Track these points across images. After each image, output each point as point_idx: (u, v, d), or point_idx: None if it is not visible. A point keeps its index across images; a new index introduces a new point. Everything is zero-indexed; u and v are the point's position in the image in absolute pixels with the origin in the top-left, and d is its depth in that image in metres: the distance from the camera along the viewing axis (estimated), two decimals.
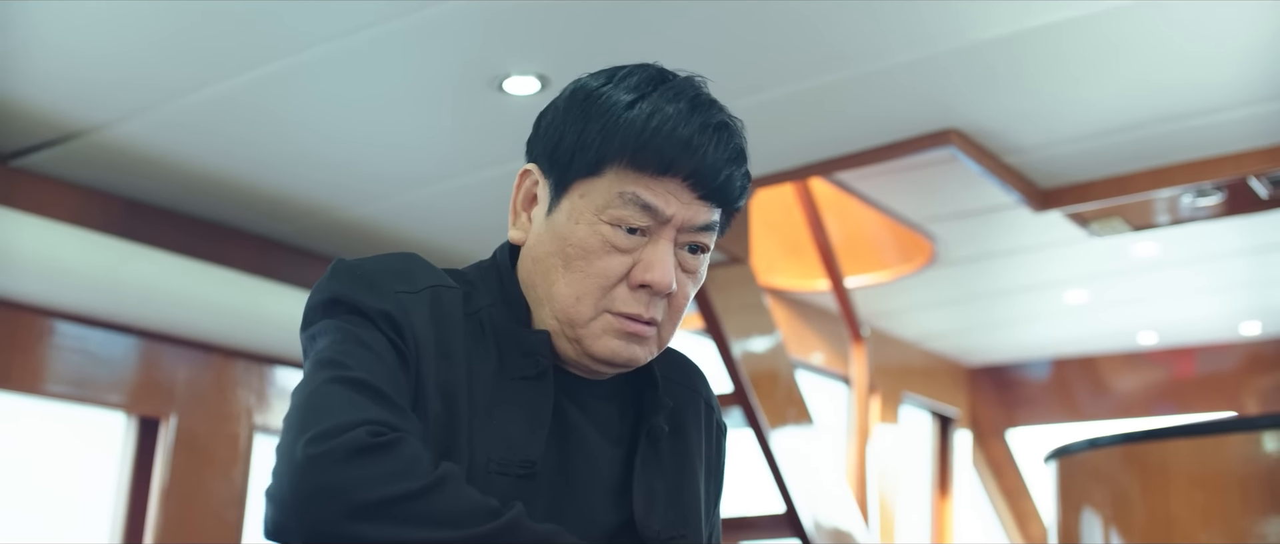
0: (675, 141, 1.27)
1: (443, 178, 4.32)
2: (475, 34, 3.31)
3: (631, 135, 1.27)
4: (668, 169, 1.27)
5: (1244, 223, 5.31)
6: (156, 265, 4.33)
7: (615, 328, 1.30)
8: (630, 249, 1.29)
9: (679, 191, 1.28)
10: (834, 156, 4.19)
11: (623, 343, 1.31)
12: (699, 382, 1.53)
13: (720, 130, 1.30)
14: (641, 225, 1.28)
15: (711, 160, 1.28)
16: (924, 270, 6.30)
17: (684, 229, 1.30)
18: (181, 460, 4.54)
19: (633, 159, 1.27)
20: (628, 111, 1.28)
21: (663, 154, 1.26)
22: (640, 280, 1.29)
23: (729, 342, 5.27)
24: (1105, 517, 3.51)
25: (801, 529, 5.31)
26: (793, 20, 3.25)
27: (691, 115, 1.28)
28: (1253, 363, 7.89)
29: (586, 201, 1.29)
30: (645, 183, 1.27)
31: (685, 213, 1.29)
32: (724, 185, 1.31)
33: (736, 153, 1.32)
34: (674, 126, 1.27)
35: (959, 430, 8.65)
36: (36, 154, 4.06)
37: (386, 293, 1.26)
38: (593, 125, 1.29)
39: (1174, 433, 3.38)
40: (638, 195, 1.27)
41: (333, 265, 1.31)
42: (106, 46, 3.37)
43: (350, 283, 1.27)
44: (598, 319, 1.30)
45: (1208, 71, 3.60)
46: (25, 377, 4.19)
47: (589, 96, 1.32)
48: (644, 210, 1.28)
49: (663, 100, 1.29)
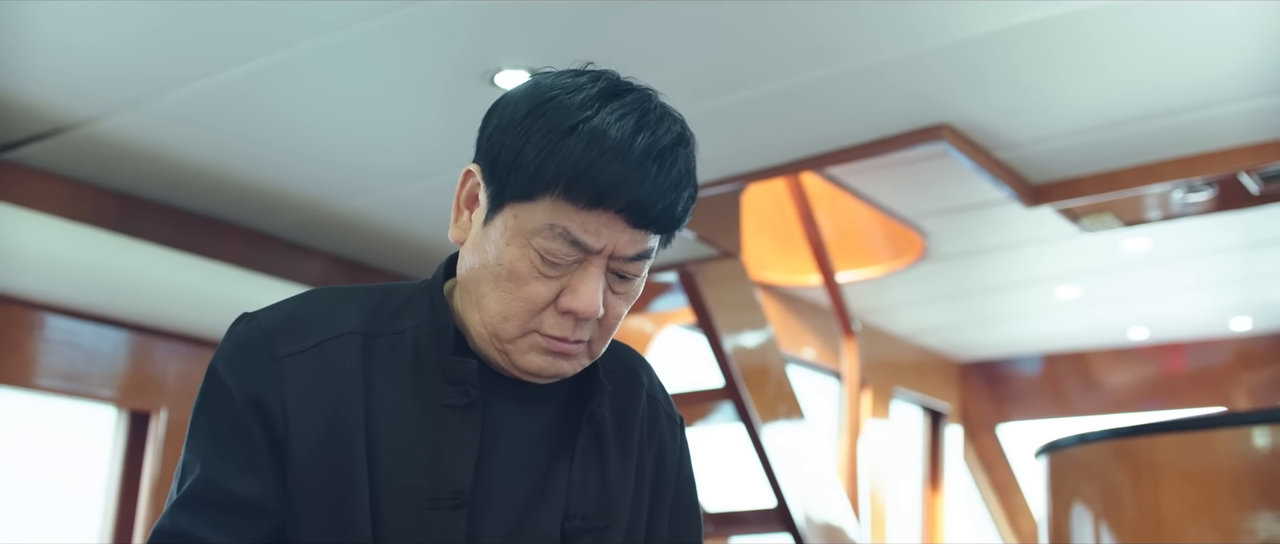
0: (609, 176, 1.21)
1: (434, 172, 4.32)
2: (466, 28, 3.30)
3: (567, 167, 1.22)
4: (601, 202, 1.23)
5: (1235, 218, 5.32)
6: (147, 259, 4.33)
7: (542, 346, 1.29)
8: (558, 275, 1.26)
9: (612, 223, 1.24)
10: (825, 152, 4.19)
11: (549, 359, 1.30)
12: (640, 371, 1.51)
13: (663, 156, 1.24)
14: (570, 259, 1.25)
15: (648, 192, 1.23)
16: (915, 265, 6.31)
17: (615, 257, 1.27)
18: (172, 454, 4.54)
19: (566, 191, 1.22)
20: (566, 139, 1.22)
21: (596, 188, 1.22)
22: (566, 307, 1.27)
23: (720, 336, 5.27)
24: (1095, 512, 3.52)
25: (792, 524, 5.32)
26: (783, 16, 3.25)
27: (633, 140, 1.23)
28: (1243, 358, 7.91)
29: (517, 224, 1.25)
30: (577, 216, 1.23)
31: (617, 242, 1.26)
32: (661, 215, 1.26)
33: (679, 178, 1.26)
34: (611, 159, 1.22)
35: (950, 425, 8.66)
36: (27, 147, 4.05)
37: (262, 370, 1.28)
38: (531, 147, 1.24)
39: (1164, 428, 3.39)
40: (567, 230, 1.23)
41: (231, 326, 1.33)
42: (97, 40, 3.36)
43: (232, 357, 1.31)
44: (525, 338, 1.29)
45: (1199, 67, 3.60)
46: (15, 370, 4.18)
47: (534, 109, 1.26)
48: (573, 245, 1.24)
49: (606, 123, 1.23)
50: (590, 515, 1.34)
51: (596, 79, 1.28)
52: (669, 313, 6.15)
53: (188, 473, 1.28)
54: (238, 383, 1.28)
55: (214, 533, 1.25)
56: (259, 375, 1.28)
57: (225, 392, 1.29)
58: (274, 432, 1.26)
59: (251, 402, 1.27)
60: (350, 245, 5.16)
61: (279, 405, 1.26)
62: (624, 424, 1.43)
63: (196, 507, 1.26)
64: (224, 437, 1.28)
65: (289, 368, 1.27)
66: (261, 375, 1.27)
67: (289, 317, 1.32)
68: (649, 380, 1.51)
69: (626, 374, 1.48)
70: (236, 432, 1.27)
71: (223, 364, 1.30)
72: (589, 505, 1.34)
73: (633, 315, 6.14)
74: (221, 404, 1.29)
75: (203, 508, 1.26)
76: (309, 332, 1.30)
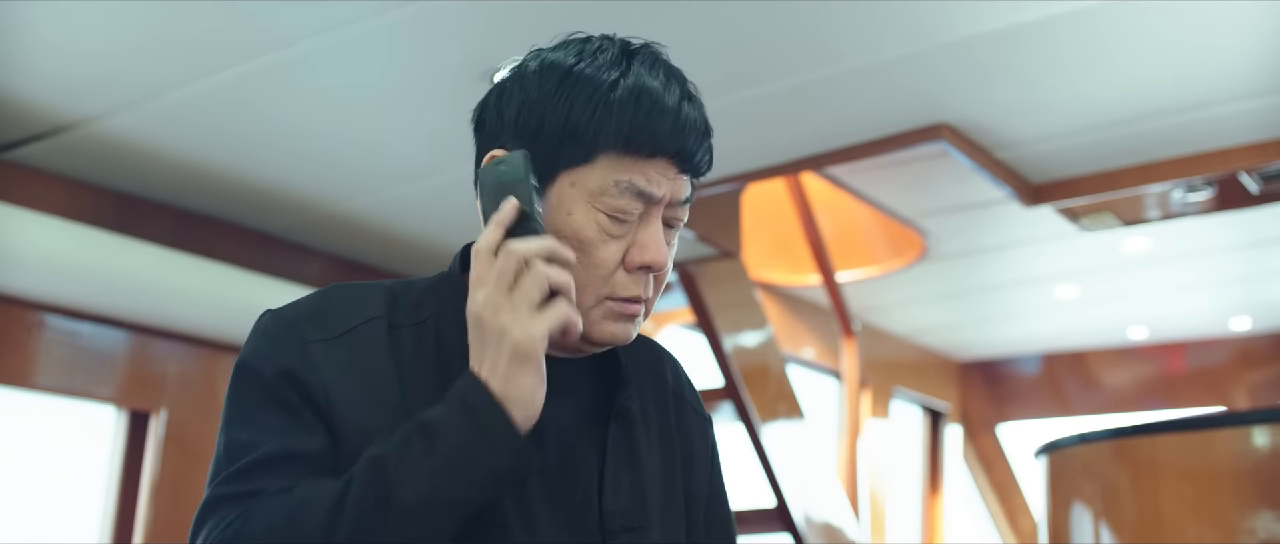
0: (663, 124, 1.26)
1: (433, 172, 4.32)
2: (466, 27, 3.30)
3: (624, 121, 1.25)
4: (659, 151, 1.27)
5: (1234, 218, 5.32)
6: (147, 259, 4.33)
7: (615, 312, 1.30)
8: (623, 234, 1.28)
9: (666, 170, 1.28)
10: (825, 151, 4.19)
11: (621, 325, 1.31)
12: (666, 366, 1.51)
13: (692, 101, 1.31)
14: (637, 212, 1.28)
15: (692, 135, 1.29)
16: (915, 265, 6.31)
17: (670, 205, 1.31)
18: (172, 454, 4.54)
19: (626, 145, 1.25)
20: (612, 94, 1.26)
21: (655, 137, 1.26)
22: (640, 262, 1.28)
23: (720, 336, 5.28)
24: (1095, 511, 3.52)
25: (792, 524, 5.32)
26: (784, 15, 3.25)
27: (667, 90, 1.28)
28: (1243, 358, 7.91)
29: (577, 190, 1.27)
30: (639, 168, 1.26)
31: (673, 188, 1.30)
32: (703, 158, 1.32)
33: (706, 124, 1.33)
34: (659, 109, 1.26)
35: (949, 425, 8.66)
36: (26, 147, 4.05)
37: (292, 351, 1.25)
38: (578, 111, 1.26)
39: (1164, 428, 3.39)
40: (633, 184, 1.26)
41: (256, 323, 1.31)
42: (97, 40, 3.36)
43: (258, 344, 1.28)
44: (598, 307, 1.29)
45: (1199, 67, 3.60)
46: (15, 370, 4.18)
47: (566, 78, 1.28)
48: (638, 198, 1.27)
49: (642, 77, 1.28)
50: (628, 514, 1.34)
51: (603, 42, 1.33)
52: (669, 312, 6.15)
53: (238, 454, 1.22)
54: (270, 364, 1.25)
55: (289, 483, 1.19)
56: (291, 355, 1.25)
57: (257, 376, 1.25)
58: (316, 403, 1.23)
59: (287, 376, 1.24)
60: (350, 245, 5.16)
61: (317, 380, 1.24)
62: (652, 421, 1.43)
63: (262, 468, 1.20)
64: (268, 413, 1.24)
65: (320, 352, 1.26)
66: (294, 355, 1.25)
67: (313, 308, 1.31)
68: (674, 376, 1.52)
69: (652, 367, 1.48)
70: (280, 406, 1.24)
71: (251, 354, 1.27)
72: (624, 504, 1.34)
73: None
74: (257, 387, 1.25)
75: (269, 468, 1.20)
76: (336, 320, 1.29)
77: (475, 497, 1.17)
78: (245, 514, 1.16)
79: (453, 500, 1.15)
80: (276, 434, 1.21)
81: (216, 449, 1.24)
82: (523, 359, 1.18)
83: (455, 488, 1.15)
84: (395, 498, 1.13)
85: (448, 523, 1.16)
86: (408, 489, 1.13)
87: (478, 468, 1.16)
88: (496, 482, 1.18)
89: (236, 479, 1.19)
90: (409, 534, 1.13)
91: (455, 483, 1.15)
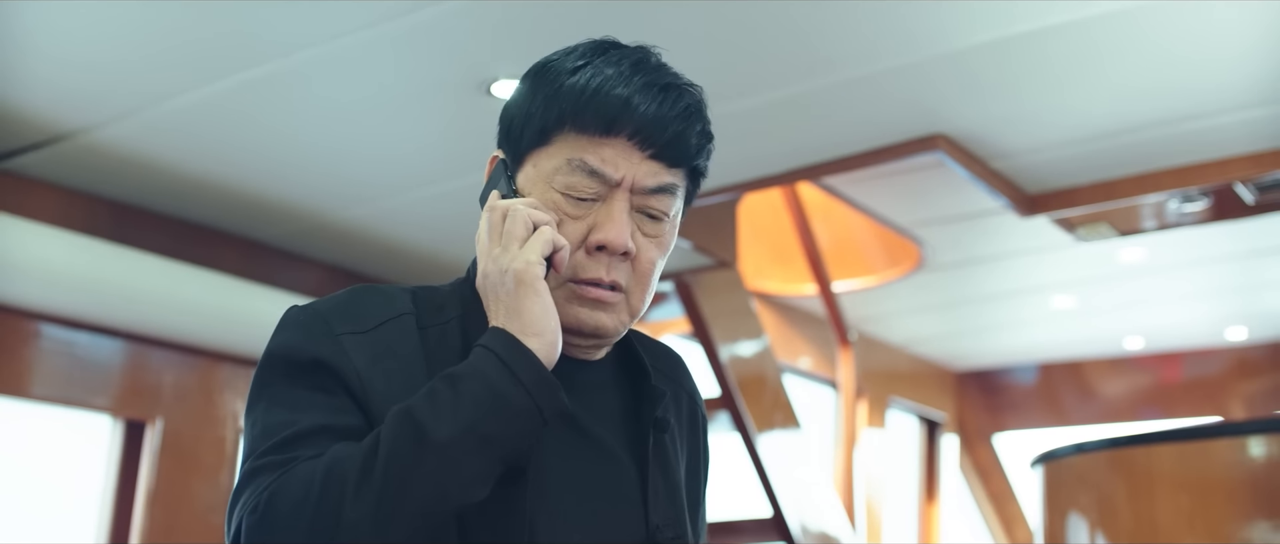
0: (614, 100, 1.28)
1: (431, 182, 4.32)
2: (463, 38, 3.30)
3: (571, 98, 1.28)
4: (610, 128, 1.28)
5: (1230, 228, 5.33)
6: (143, 268, 4.32)
7: (578, 295, 1.30)
8: (584, 214, 1.30)
9: (627, 152, 1.29)
10: (822, 161, 4.19)
11: (588, 310, 1.31)
12: (682, 374, 1.53)
13: (667, 89, 1.31)
14: (592, 193, 1.29)
15: (656, 116, 1.29)
16: (911, 275, 6.31)
17: (637, 191, 1.31)
18: (168, 464, 4.53)
19: (575, 122, 1.28)
20: (570, 78, 1.30)
21: (603, 112, 1.28)
22: (595, 241, 1.29)
23: (716, 346, 5.28)
24: (1091, 521, 3.52)
25: (788, 533, 5.32)
26: (781, 26, 3.25)
27: (633, 75, 1.29)
28: (1238, 368, 7.92)
29: (537, 171, 1.31)
30: (591, 147, 1.28)
31: (635, 173, 1.30)
32: (674, 142, 1.30)
33: (687, 110, 1.32)
34: (614, 86, 1.28)
35: (946, 435, 8.66)
36: (23, 157, 4.05)
37: (323, 339, 1.25)
38: (538, 96, 1.31)
39: (1160, 438, 3.39)
40: (584, 161, 1.28)
41: (282, 317, 1.31)
42: (94, 49, 3.36)
43: (287, 334, 1.28)
44: (560, 289, 1.30)
45: (1194, 77, 3.61)
46: (11, 380, 4.18)
47: (538, 72, 1.34)
48: (592, 176, 1.29)
49: (605, 65, 1.30)
50: (673, 524, 1.36)
51: (595, 42, 1.36)
52: (665, 322, 6.15)
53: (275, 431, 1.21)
54: (302, 351, 1.25)
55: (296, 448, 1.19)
56: (323, 345, 1.25)
57: (289, 362, 1.25)
58: (350, 387, 1.23)
59: (320, 363, 1.24)
60: (347, 255, 5.15)
61: (351, 367, 1.24)
62: (677, 427, 1.46)
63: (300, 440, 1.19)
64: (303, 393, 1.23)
65: (350, 344, 1.26)
66: (326, 344, 1.25)
67: (342, 304, 1.31)
68: (690, 383, 1.54)
69: (672, 374, 1.51)
70: (314, 386, 1.23)
71: (281, 344, 1.27)
72: (665, 514, 1.35)
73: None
74: (290, 372, 1.25)
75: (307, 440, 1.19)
76: (367, 315, 1.30)
77: (508, 432, 1.17)
78: (282, 478, 1.15)
79: (485, 436, 1.16)
80: (312, 411, 1.22)
81: (250, 432, 1.24)
82: (524, 285, 1.23)
83: (486, 422, 1.16)
84: (428, 437, 1.13)
85: (484, 464, 1.16)
86: (440, 427, 1.14)
87: (504, 401, 1.17)
88: (526, 415, 1.18)
89: (274, 451, 1.19)
90: (446, 475, 1.14)
91: (484, 416, 1.16)
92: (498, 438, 1.16)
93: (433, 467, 1.13)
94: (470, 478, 1.15)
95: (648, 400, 1.39)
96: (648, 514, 1.33)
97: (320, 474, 1.13)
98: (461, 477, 1.14)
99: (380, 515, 1.11)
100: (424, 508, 1.13)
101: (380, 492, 1.11)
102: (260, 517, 1.14)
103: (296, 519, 1.12)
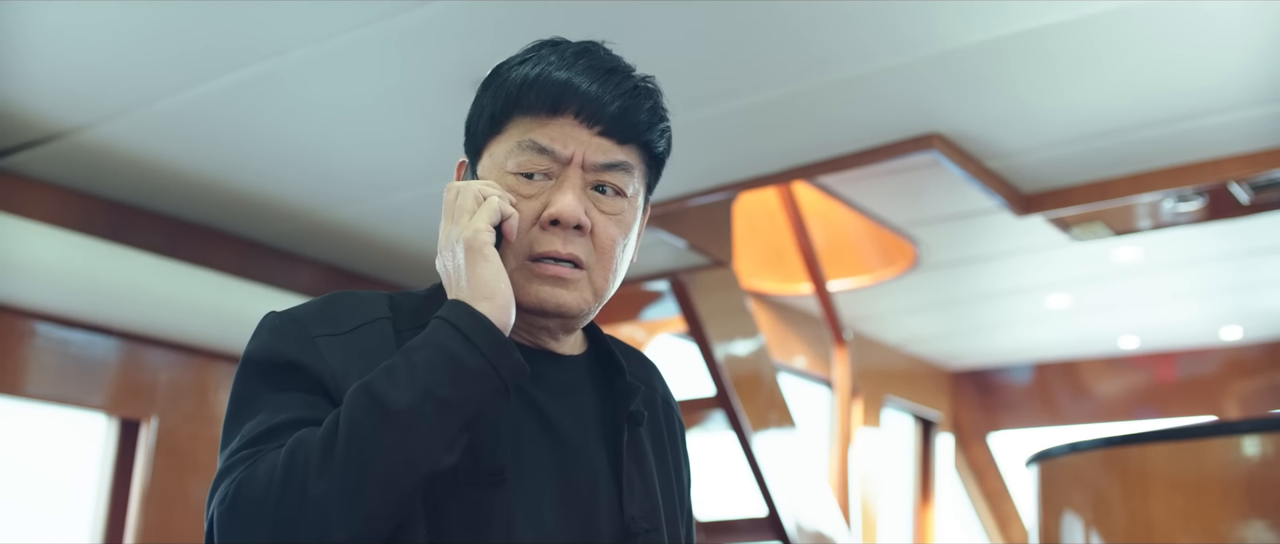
0: (556, 81, 1.33)
1: (424, 181, 4.31)
2: (457, 37, 3.30)
3: (517, 85, 1.34)
4: (556, 107, 1.33)
5: (1225, 228, 5.33)
6: (137, 267, 4.32)
7: (536, 273, 1.33)
8: (538, 193, 1.34)
9: (575, 129, 1.33)
10: (817, 161, 4.19)
11: (548, 288, 1.34)
12: (656, 379, 1.56)
13: (612, 72, 1.35)
14: (542, 169, 1.33)
15: (598, 94, 1.33)
16: (906, 274, 6.31)
17: (589, 167, 1.34)
18: (162, 462, 4.53)
19: (521, 106, 1.34)
20: (517, 69, 1.36)
21: (546, 93, 1.32)
22: (547, 215, 1.32)
23: (711, 345, 5.28)
24: (1086, 520, 3.52)
25: (783, 532, 5.32)
26: (776, 25, 3.25)
27: (577, 61, 1.35)
28: (1233, 367, 7.93)
29: (493, 160, 1.36)
30: (539, 126, 1.33)
31: (585, 149, 1.34)
32: (620, 117, 1.34)
33: (634, 89, 1.36)
34: (556, 69, 1.34)
35: (941, 434, 8.67)
36: (17, 155, 4.05)
37: (299, 342, 1.28)
38: (489, 92, 1.38)
39: (1154, 437, 3.39)
40: (533, 140, 1.33)
41: (259, 322, 1.34)
42: (88, 48, 3.36)
43: (263, 339, 1.31)
44: (519, 270, 1.33)
45: (1190, 77, 3.61)
46: (5, 378, 4.17)
47: (490, 74, 1.41)
48: (541, 153, 1.33)
49: (550, 53, 1.36)
50: (647, 517, 1.38)
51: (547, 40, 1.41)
52: (660, 321, 6.15)
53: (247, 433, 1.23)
54: (278, 355, 1.28)
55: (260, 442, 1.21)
56: (299, 347, 1.28)
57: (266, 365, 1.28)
58: (325, 387, 1.26)
59: (295, 365, 1.27)
60: (340, 254, 5.15)
61: (326, 368, 1.26)
62: (651, 428, 1.48)
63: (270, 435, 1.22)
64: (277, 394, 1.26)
65: (327, 346, 1.28)
66: (302, 347, 1.28)
67: (319, 309, 1.34)
68: (662, 387, 1.57)
69: (645, 378, 1.53)
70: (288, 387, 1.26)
71: (258, 349, 1.30)
72: (638, 506, 1.37)
73: (624, 323, 6.15)
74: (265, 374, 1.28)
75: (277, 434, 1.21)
76: (343, 319, 1.33)
77: (465, 395, 1.19)
78: (249, 468, 1.18)
79: (443, 400, 1.17)
80: (285, 408, 1.24)
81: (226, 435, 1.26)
82: (473, 251, 1.26)
83: (442, 386, 1.17)
84: (386, 407, 1.15)
85: (445, 428, 1.17)
86: (398, 396, 1.16)
87: (459, 364, 1.19)
88: (482, 376, 1.20)
89: (246, 447, 1.22)
90: (408, 442, 1.15)
91: (441, 380, 1.17)
92: (456, 401, 1.18)
93: (394, 435, 1.14)
94: (433, 444, 1.17)
95: (622, 396, 1.41)
96: (623, 507, 1.35)
97: (284, 456, 1.16)
98: (425, 443, 1.16)
99: (346, 488, 1.13)
100: (389, 477, 1.14)
101: (344, 465, 1.13)
102: (229, 506, 1.16)
103: (263, 502, 1.14)
